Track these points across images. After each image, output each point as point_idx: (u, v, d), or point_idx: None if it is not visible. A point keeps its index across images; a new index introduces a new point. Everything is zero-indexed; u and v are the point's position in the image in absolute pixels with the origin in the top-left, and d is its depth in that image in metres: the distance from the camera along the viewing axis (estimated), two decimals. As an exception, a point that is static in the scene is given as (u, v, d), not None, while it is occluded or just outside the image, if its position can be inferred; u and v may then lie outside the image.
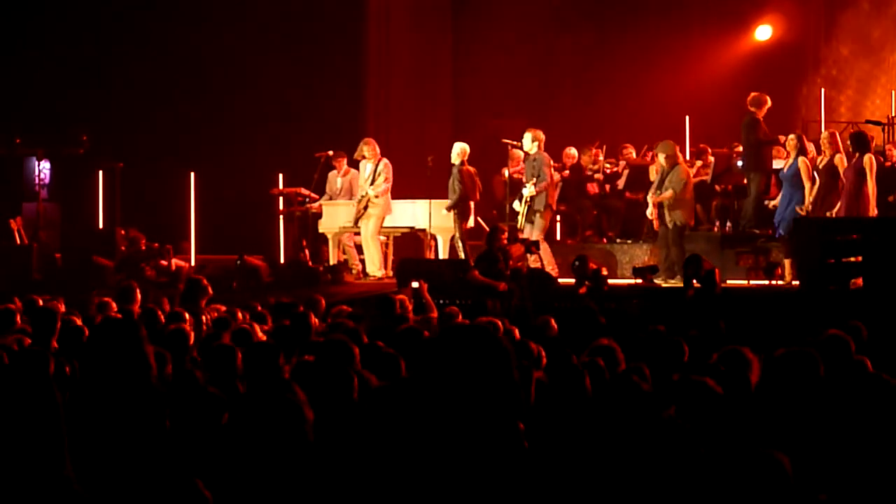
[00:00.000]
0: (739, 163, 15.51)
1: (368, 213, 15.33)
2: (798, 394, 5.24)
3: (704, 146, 17.55)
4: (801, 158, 14.09)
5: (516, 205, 15.08)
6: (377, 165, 15.32)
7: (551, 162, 15.29)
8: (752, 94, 15.15)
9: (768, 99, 14.98)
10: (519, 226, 14.88)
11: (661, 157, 14.82)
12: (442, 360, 2.96)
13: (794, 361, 5.38)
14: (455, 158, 15.22)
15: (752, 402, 5.43)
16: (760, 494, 3.50)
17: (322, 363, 5.78)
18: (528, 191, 14.84)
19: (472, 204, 15.39)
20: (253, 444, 4.37)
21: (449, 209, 15.19)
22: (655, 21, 20.83)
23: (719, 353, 6.00)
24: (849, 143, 14.10)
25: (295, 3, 19.47)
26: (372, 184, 15.29)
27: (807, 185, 14.04)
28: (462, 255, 14.99)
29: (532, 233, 14.74)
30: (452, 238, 15.40)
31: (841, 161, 13.94)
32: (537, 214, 14.88)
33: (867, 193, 13.53)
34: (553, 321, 9.42)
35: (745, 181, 15.28)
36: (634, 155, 17.34)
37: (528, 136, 15.09)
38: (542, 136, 15.09)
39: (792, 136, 14.50)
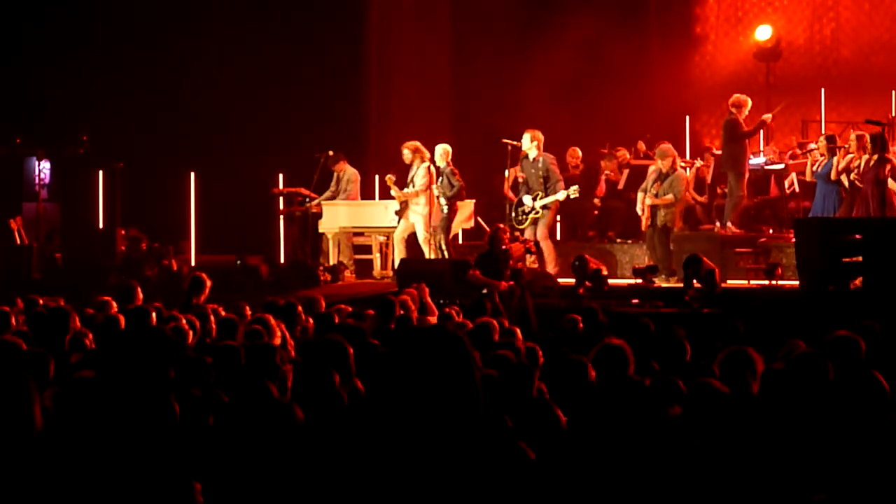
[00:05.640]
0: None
1: (409, 217, 15.24)
2: (804, 395, 5.24)
3: (705, 146, 17.58)
4: (835, 158, 14.11)
5: (526, 199, 14.95)
6: (418, 169, 15.23)
7: (555, 160, 15.24)
8: (735, 95, 15.30)
9: (749, 101, 15.13)
10: (527, 221, 14.78)
11: (660, 163, 14.96)
12: (399, 362, 3.00)
13: (803, 364, 5.38)
14: (440, 160, 15.18)
15: (757, 401, 5.43)
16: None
17: (309, 363, 5.76)
18: (545, 201, 14.78)
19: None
20: (241, 445, 4.37)
21: (448, 203, 15.14)
22: (655, 20, 20.85)
23: (724, 354, 5.99)
24: (867, 142, 13.99)
25: (295, 3, 19.47)
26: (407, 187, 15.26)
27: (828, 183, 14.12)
28: (443, 255, 14.95)
29: (537, 230, 14.74)
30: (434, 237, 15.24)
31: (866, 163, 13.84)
32: (545, 214, 14.87)
33: (883, 194, 13.57)
34: (581, 321, 9.46)
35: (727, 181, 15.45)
36: (628, 156, 17.36)
37: (526, 137, 15.09)
38: (540, 136, 15.09)
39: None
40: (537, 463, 3.03)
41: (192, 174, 17.43)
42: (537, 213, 14.82)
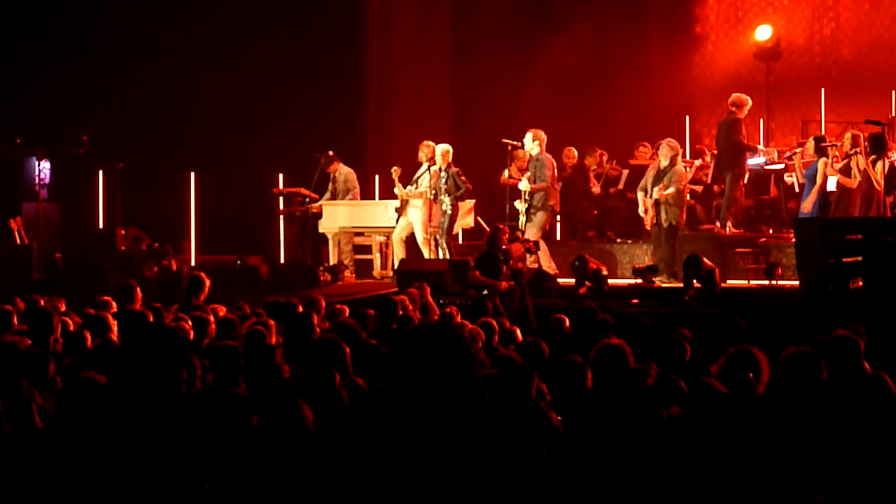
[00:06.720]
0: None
1: (409, 215, 15.24)
2: (803, 394, 5.24)
3: (704, 146, 17.58)
4: (821, 160, 14.06)
5: (517, 204, 15.08)
6: (426, 171, 15.23)
7: (554, 164, 15.29)
8: (734, 95, 15.29)
9: (749, 100, 15.12)
10: (521, 226, 14.88)
11: (662, 151, 14.94)
12: (401, 361, 3.00)
13: (799, 362, 5.38)
14: (440, 160, 15.18)
15: (758, 401, 5.42)
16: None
17: (311, 363, 5.76)
18: (524, 185, 14.93)
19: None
20: (254, 443, 4.37)
21: (451, 203, 15.16)
22: (655, 20, 20.86)
23: (728, 353, 5.99)
24: (865, 143, 13.95)
25: (295, 3, 19.46)
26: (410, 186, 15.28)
27: (814, 186, 14.05)
28: (444, 254, 14.96)
29: (531, 231, 14.75)
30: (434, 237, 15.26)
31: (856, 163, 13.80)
32: (538, 213, 14.92)
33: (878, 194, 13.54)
34: (567, 320, 9.46)
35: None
36: (649, 156, 17.24)
37: (528, 137, 15.13)
38: (543, 136, 15.11)
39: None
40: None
41: (192, 174, 17.42)
42: (526, 200, 14.92)
